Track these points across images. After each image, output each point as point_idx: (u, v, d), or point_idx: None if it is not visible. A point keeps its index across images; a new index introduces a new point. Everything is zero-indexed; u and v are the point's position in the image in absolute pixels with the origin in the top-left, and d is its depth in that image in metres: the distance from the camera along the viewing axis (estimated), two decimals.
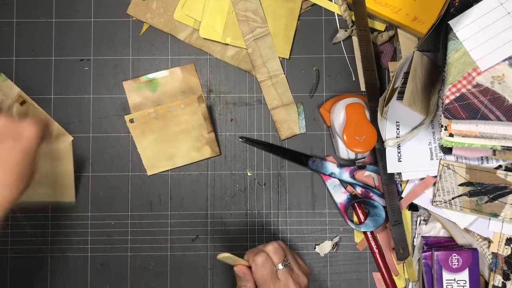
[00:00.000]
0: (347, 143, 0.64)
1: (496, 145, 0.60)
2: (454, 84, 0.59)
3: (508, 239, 0.67)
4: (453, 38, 0.60)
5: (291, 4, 0.72)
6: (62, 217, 0.71)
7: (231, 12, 0.71)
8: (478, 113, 0.58)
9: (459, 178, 0.67)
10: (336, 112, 0.67)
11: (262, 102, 0.72)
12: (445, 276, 0.66)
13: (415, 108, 0.64)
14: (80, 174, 0.71)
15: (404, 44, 0.71)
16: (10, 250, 0.71)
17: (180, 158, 0.71)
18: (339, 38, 0.71)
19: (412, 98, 0.65)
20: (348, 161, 0.71)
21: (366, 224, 0.69)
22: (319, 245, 0.71)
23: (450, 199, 0.67)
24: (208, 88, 0.73)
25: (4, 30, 0.72)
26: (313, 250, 0.71)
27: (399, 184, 0.69)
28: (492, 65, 0.59)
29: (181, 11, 0.72)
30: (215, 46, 0.72)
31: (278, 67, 0.72)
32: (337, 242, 0.71)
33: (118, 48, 0.73)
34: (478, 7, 0.60)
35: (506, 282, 0.67)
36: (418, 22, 0.68)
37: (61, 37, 0.73)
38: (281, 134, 0.72)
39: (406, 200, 0.69)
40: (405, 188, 0.69)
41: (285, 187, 0.72)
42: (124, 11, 0.73)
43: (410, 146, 0.68)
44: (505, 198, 0.66)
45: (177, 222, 0.71)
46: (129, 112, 0.72)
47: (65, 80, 0.72)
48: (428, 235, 0.69)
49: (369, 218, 0.69)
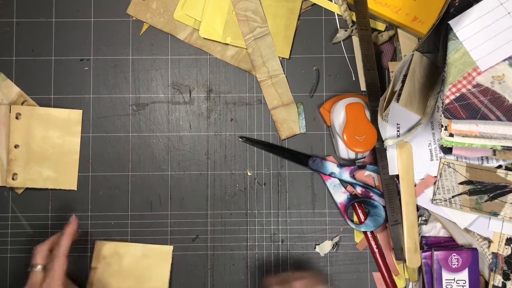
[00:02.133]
0: (347, 143, 0.64)
1: (496, 145, 0.60)
2: (454, 84, 0.59)
3: (508, 239, 0.67)
4: (453, 38, 0.60)
5: (291, 4, 0.72)
6: (62, 217, 0.71)
7: (231, 12, 0.71)
8: (478, 113, 0.58)
9: (459, 177, 0.67)
10: (336, 112, 0.67)
11: (262, 102, 0.72)
12: (444, 276, 0.66)
13: (411, 108, 0.64)
14: (80, 174, 0.71)
15: (404, 44, 0.71)
16: (10, 250, 0.71)
17: None
18: (339, 38, 0.71)
19: (409, 98, 0.65)
20: (348, 160, 0.71)
21: (366, 224, 0.69)
22: (319, 245, 0.71)
23: (450, 198, 0.67)
24: (208, 88, 0.73)
25: (4, 30, 0.72)
26: (313, 250, 0.71)
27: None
28: (492, 65, 0.59)
29: (181, 11, 0.72)
30: (215, 46, 0.72)
31: (278, 67, 0.72)
32: (337, 242, 0.71)
33: (118, 48, 0.73)
34: (478, 7, 0.60)
35: (506, 282, 0.67)
36: (418, 22, 0.68)
37: (61, 37, 0.73)
38: (281, 134, 0.72)
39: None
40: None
41: (285, 187, 0.72)
42: (124, 11, 0.73)
43: None
44: (505, 197, 0.66)
45: (177, 222, 0.71)
46: None
47: (65, 80, 0.72)
48: (428, 235, 0.69)
49: (369, 218, 0.69)
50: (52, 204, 0.71)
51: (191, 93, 0.73)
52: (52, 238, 0.65)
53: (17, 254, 0.71)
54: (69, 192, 0.72)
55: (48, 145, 0.71)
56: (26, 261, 0.71)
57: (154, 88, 0.72)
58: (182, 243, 0.71)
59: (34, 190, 0.71)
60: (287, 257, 0.71)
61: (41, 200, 0.71)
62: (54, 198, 0.71)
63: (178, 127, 0.72)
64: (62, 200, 0.71)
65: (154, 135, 0.72)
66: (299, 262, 0.71)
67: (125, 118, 0.72)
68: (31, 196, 0.71)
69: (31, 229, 0.71)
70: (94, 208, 0.71)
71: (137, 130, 0.72)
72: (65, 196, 0.71)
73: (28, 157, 0.70)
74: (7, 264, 0.71)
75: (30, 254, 0.71)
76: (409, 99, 0.65)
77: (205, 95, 0.73)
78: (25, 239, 0.71)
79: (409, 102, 0.65)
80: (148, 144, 0.72)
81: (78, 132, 0.72)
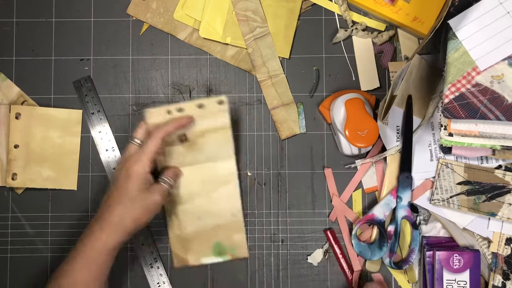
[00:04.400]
0: (349, 139, 0.63)
1: (496, 145, 0.60)
2: (454, 84, 0.59)
3: (508, 239, 0.67)
4: (452, 37, 0.60)
5: (291, 4, 0.72)
6: (62, 217, 0.71)
7: (231, 12, 0.71)
8: (478, 112, 0.58)
9: (458, 177, 0.67)
10: (336, 109, 0.66)
11: (262, 102, 0.72)
12: (445, 276, 0.66)
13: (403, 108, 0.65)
14: (80, 174, 0.72)
15: (404, 44, 0.71)
16: (10, 250, 0.71)
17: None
18: (339, 38, 0.72)
19: (402, 99, 0.66)
20: (352, 156, 0.70)
21: (369, 245, 0.68)
22: (310, 255, 0.71)
23: (448, 198, 0.67)
24: (208, 88, 0.73)
25: (4, 30, 0.73)
26: (313, 250, 0.71)
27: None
28: (491, 65, 0.59)
29: (181, 11, 0.72)
30: (215, 46, 0.72)
31: (278, 67, 0.72)
32: (327, 249, 0.71)
33: (118, 48, 0.73)
34: (478, 6, 0.60)
35: (506, 282, 0.67)
36: (418, 22, 0.68)
37: (61, 37, 0.73)
38: (281, 134, 0.72)
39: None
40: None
41: (285, 187, 0.72)
42: (124, 11, 0.73)
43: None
44: (502, 197, 0.66)
45: None
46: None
47: (65, 80, 0.72)
48: (428, 235, 0.69)
49: (374, 244, 0.68)
50: (52, 204, 0.71)
51: (191, 93, 0.73)
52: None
53: (17, 254, 0.71)
54: (69, 192, 0.72)
55: (48, 145, 0.71)
56: (26, 261, 0.71)
57: (154, 88, 0.73)
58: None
59: (34, 190, 0.71)
60: (287, 257, 0.71)
61: (41, 200, 0.71)
62: (54, 198, 0.71)
63: None
64: (62, 200, 0.71)
65: None
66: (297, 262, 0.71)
67: (125, 118, 0.72)
68: (31, 196, 0.71)
69: (31, 229, 0.71)
70: (94, 208, 0.71)
71: None
72: (65, 196, 0.71)
73: (28, 157, 0.70)
74: (7, 264, 0.71)
75: (30, 254, 0.71)
76: (402, 100, 0.66)
77: (205, 95, 0.73)
78: (25, 239, 0.71)
79: (401, 103, 0.67)
80: None
81: (78, 132, 0.72)
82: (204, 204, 0.69)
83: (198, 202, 0.69)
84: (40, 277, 0.71)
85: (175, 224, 0.70)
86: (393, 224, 0.67)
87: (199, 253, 0.69)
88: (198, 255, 0.69)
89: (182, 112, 0.66)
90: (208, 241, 0.69)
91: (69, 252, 0.60)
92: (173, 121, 0.64)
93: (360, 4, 0.70)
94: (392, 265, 0.67)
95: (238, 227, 0.70)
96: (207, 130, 0.67)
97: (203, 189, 0.69)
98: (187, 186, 0.69)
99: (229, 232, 0.70)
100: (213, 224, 0.69)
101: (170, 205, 0.69)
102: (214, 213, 0.69)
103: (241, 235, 0.70)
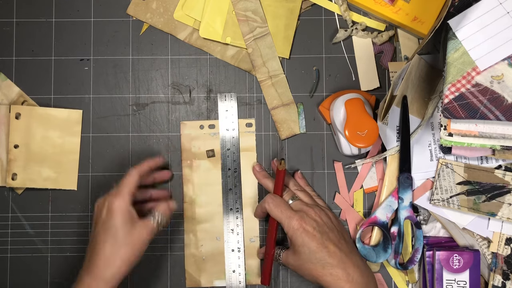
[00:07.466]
0: (349, 139, 0.63)
1: (495, 145, 0.60)
2: (454, 84, 0.59)
3: (507, 239, 0.67)
4: (452, 37, 0.60)
5: (291, 4, 0.72)
6: (62, 217, 0.71)
7: (231, 12, 0.71)
8: (477, 112, 0.58)
9: (457, 177, 0.67)
10: (335, 109, 0.67)
11: (262, 102, 0.72)
12: (445, 276, 0.66)
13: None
14: (80, 174, 0.72)
15: (404, 44, 0.71)
16: (10, 250, 0.71)
17: None
18: (339, 38, 0.72)
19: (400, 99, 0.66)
20: (351, 156, 0.70)
21: (374, 248, 0.68)
22: None
23: (448, 198, 0.67)
24: (208, 88, 0.73)
25: (4, 30, 0.73)
26: None
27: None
28: (491, 65, 0.59)
29: (181, 11, 0.72)
30: (215, 46, 0.72)
31: (278, 67, 0.72)
32: None
33: (118, 48, 0.73)
34: (478, 6, 0.60)
35: (506, 282, 0.67)
36: (418, 22, 0.68)
37: (61, 37, 0.73)
38: (281, 134, 0.72)
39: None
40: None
41: None
42: (124, 11, 0.73)
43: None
44: (502, 197, 0.66)
45: (177, 221, 0.71)
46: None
47: (65, 80, 0.72)
48: (428, 235, 0.69)
49: (378, 246, 0.68)
50: (52, 204, 0.71)
51: (191, 93, 0.73)
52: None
53: (17, 254, 0.71)
54: (69, 192, 0.72)
55: (48, 145, 0.71)
56: (26, 261, 0.71)
57: (154, 88, 0.73)
58: (182, 243, 0.71)
59: (34, 190, 0.71)
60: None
61: (41, 200, 0.71)
62: (54, 198, 0.71)
63: (178, 127, 0.72)
64: (62, 200, 0.71)
65: (154, 135, 0.72)
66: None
67: (125, 118, 0.72)
68: (31, 196, 0.71)
69: (31, 229, 0.71)
70: (94, 208, 0.71)
71: (137, 130, 0.72)
72: (65, 196, 0.71)
73: (28, 157, 0.70)
74: (7, 264, 0.71)
75: (30, 254, 0.71)
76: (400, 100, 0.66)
77: (205, 95, 0.73)
78: (25, 239, 0.71)
79: (398, 103, 0.66)
80: (148, 144, 0.72)
81: (78, 132, 0.72)
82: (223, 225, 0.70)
83: (217, 222, 0.70)
84: (40, 277, 0.71)
85: (192, 242, 0.70)
86: (396, 225, 0.67)
87: (213, 275, 0.70)
88: (211, 277, 0.70)
89: (213, 129, 0.70)
90: (223, 263, 0.70)
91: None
92: (150, 159, 0.67)
93: (360, 4, 0.70)
94: (398, 266, 0.67)
95: (254, 253, 0.70)
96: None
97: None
98: (209, 205, 0.70)
99: (245, 256, 0.70)
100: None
101: (189, 222, 0.70)
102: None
103: (256, 261, 0.70)
